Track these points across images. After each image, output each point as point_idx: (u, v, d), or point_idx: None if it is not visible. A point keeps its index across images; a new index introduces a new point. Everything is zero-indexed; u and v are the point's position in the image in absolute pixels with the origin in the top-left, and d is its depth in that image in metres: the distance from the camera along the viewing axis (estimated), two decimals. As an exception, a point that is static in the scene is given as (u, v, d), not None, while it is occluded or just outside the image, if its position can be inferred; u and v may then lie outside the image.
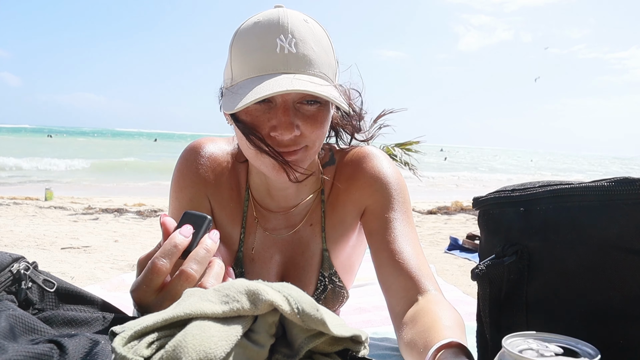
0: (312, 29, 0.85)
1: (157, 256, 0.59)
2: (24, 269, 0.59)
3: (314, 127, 0.85)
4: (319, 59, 0.84)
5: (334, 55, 0.89)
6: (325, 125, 0.88)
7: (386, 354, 0.88)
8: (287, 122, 0.82)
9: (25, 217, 5.03)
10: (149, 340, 0.40)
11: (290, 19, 0.84)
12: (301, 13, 0.88)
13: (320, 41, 0.86)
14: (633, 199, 0.56)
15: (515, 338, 0.48)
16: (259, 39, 0.82)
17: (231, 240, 1.06)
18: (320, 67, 0.84)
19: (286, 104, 0.83)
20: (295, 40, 0.82)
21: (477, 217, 0.74)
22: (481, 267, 0.65)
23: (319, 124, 0.86)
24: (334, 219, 1.04)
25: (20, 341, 0.47)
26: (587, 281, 0.59)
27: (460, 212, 6.28)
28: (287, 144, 0.84)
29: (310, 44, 0.83)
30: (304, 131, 0.85)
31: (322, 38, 0.87)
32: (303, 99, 0.84)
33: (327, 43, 0.88)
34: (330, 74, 0.86)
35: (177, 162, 1.05)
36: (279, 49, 0.81)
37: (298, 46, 0.82)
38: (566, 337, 0.47)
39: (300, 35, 0.83)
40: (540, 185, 0.66)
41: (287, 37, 0.82)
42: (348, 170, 1.03)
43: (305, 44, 0.83)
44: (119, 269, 3.10)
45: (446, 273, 3.18)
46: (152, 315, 0.47)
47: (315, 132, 0.86)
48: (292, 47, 0.81)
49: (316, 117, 0.86)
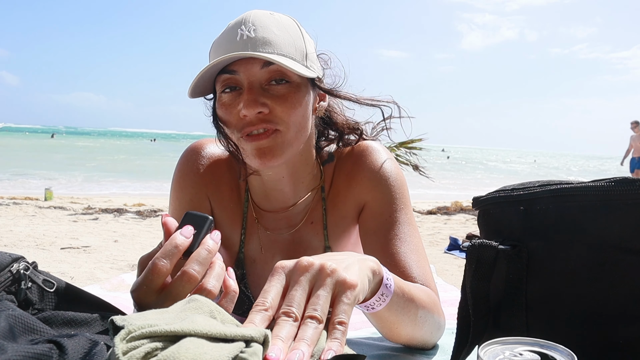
0: (277, 19, 0.88)
1: (158, 257, 0.59)
2: (23, 269, 0.59)
3: (285, 105, 0.86)
4: (281, 41, 0.85)
5: (303, 41, 0.90)
6: (300, 107, 0.88)
7: (385, 354, 0.88)
8: (250, 98, 0.83)
9: (25, 217, 5.03)
10: (147, 349, 0.41)
11: (254, 13, 0.88)
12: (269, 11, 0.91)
13: (286, 27, 0.88)
14: (633, 199, 0.56)
15: (492, 346, 0.48)
16: (225, 35, 0.87)
17: (232, 241, 1.06)
18: (281, 47, 0.85)
19: (251, 84, 0.85)
20: (255, 27, 0.85)
21: (477, 217, 0.74)
22: (475, 242, 0.66)
23: (290, 104, 0.86)
24: (336, 215, 1.03)
25: (20, 341, 0.47)
26: (587, 281, 0.59)
27: (460, 212, 6.28)
28: (255, 122, 0.85)
29: (272, 29, 0.86)
30: (274, 110, 0.85)
31: (289, 25, 0.89)
32: (271, 79, 0.86)
33: (294, 30, 0.89)
34: (297, 55, 0.87)
35: (178, 163, 1.05)
36: (239, 37, 0.84)
37: (257, 31, 0.84)
38: (542, 342, 0.47)
39: (261, 23, 0.86)
40: (540, 185, 0.66)
41: (247, 25, 0.85)
42: (348, 165, 1.02)
43: (265, 29, 0.85)
44: (118, 269, 3.09)
45: (446, 273, 3.18)
46: (155, 314, 0.47)
47: (287, 112, 0.86)
48: (251, 33, 0.84)
49: (286, 96, 0.86)
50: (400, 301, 0.72)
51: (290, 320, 0.50)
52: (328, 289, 0.53)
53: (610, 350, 0.57)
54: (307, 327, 0.49)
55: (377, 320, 0.75)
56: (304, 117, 0.90)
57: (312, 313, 0.50)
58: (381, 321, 0.76)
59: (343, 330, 0.50)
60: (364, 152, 1.02)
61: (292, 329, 0.49)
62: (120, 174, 12.92)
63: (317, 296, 0.52)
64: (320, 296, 0.52)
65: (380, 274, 0.66)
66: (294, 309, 0.51)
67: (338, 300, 0.53)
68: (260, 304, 0.51)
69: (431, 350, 0.91)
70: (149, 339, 0.42)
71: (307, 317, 0.50)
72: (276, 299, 0.53)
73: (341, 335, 0.50)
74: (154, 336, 0.42)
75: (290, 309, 0.51)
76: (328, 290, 0.53)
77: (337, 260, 0.57)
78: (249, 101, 0.83)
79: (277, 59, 0.81)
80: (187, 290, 0.58)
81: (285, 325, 0.49)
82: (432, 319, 0.83)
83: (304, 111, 0.89)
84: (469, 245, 0.67)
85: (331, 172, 1.04)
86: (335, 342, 0.49)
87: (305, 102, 0.89)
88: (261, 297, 0.52)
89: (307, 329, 0.49)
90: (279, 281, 0.54)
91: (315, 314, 0.50)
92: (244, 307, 1.06)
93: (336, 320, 0.51)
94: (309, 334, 0.49)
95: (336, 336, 0.50)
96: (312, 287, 0.54)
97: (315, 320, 0.50)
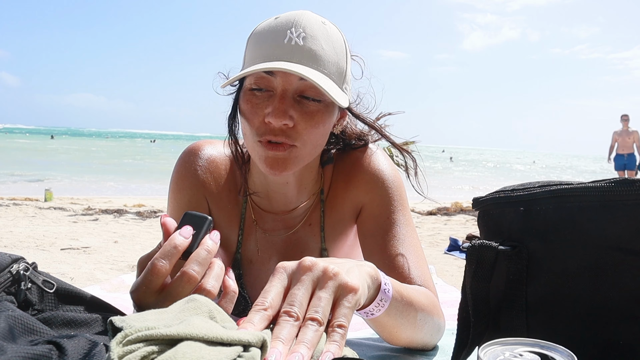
0: (328, 30, 0.86)
1: (157, 257, 0.59)
2: (23, 269, 0.59)
3: (309, 123, 0.84)
4: (326, 57, 0.84)
5: (345, 61, 0.88)
6: (323, 127, 0.87)
7: (385, 355, 0.88)
8: (280, 108, 0.82)
9: (24, 218, 5.03)
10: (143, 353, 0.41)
11: (306, 16, 0.85)
12: (322, 17, 0.89)
13: (333, 43, 0.86)
14: (633, 200, 0.56)
15: (492, 347, 0.48)
16: (272, 31, 0.84)
17: (229, 242, 1.06)
18: (325, 65, 0.83)
19: (285, 93, 0.83)
20: (305, 35, 0.82)
21: (477, 218, 0.74)
22: (475, 242, 0.66)
23: (314, 122, 0.85)
24: (333, 217, 1.03)
25: (20, 342, 0.47)
26: (587, 281, 0.59)
27: (460, 213, 6.28)
28: (277, 132, 0.84)
29: (320, 42, 0.83)
30: (297, 125, 0.84)
31: (337, 41, 0.87)
32: (304, 93, 0.84)
33: (341, 48, 0.87)
34: (336, 76, 0.86)
35: (176, 164, 1.05)
36: (287, 39, 0.82)
37: (306, 40, 0.82)
38: (542, 342, 0.47)
39: (312, 32, 0.83)
40: (540, 186, 0.66)
41: (298, 30, 0.83)
42: (346, 168, 1.02)
43: (314, 39, 0.83)
44: (118, 270, 3.09)
45: (446, 274, 3.18)
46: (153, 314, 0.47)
47: (308, 130, 0.85)
48: (300, 40, 0.82)
49: (314, 114, 0.85)
50: (399, 305, 0.72)
51: (292, 320, 0.50)
52: (330, 291, 0.53)
53: (610, 351, 0.57)
54: (308, 329, 0.49)
55: (377, 325, 0.75)
56: (323, 135, 0.89)
57: (313, 315, 0.50)
58: (381, 326, 0.75)
59: (342, 334, 0.50)
60: (362, 156, 1.02)
61: (293, 329, 0.49)
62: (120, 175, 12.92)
63: (319, 298, 0.52)
64: (322, 298, 0.52)
65: (378, 279, 0.65)
66: (295, 308, 0.51)
67: (339, 304, 0.53)
68: (260, 303, 0.51)
69: (431, 351, 0.90)
70: (145, 343, 0.41)
71: (308, 318, 0.50)
72: (276, 299, 0.52)
73: (340, 339, 0.50)
74: (151, 340, 0.42)
75: (292, 308, 0.51)
76: (330, 292, 0.53)
77: (339, 264, 0.57)
78: (279, 111, 0.82)
79: (319, 80, 0.80)
80: (186, 291, 0.58)
81: (286, 325, 0.49)
82: (432, 321, 0.83)
83: (325, 130, 0.89)
84: (469, 246, 0.67)
85: (330, 174, 1.04)
86: (333, 345, 0.49)
87: (329, 122, 0.89)
88: (261, 297, 0.52)
89: (307, 331, 0.49)
90: (279, 281, 0.54)
91: (316, 316, 0.50)
92: (240, 307, 1.06)
93: (336, 323, 0.51)
94: (309, 336, 0.48)
95: (335, 339, 0.50)
96: (314, 287, 0.53)
97: (316, 323, 0.50)
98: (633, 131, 9.24)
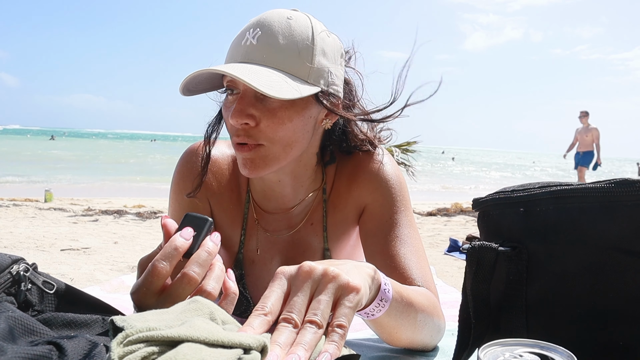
0: (291, 24, 0.84)
1: (158, 259, 0.59)
2: (23, 270, 0.59)
3: (272, 121, 0.83)
4: (283, 52, 0.82)
5: (313, 54, 0.84)
6: (290, 123, 0.84)
7: (385, 356, 0.88)
8: (237, 108, 0.82)
9: (24, 219, 5.02)
10: (143, 354, 0.41)
11: (270, 14, 0.85)
12: (294, 11, 0.87)
13: (295, 36, 0.83)
14: (633, 200, 0.56)
15: (491, 348, 0.48)
16: (238, 35, 0.86)
17: (231, 242, 1.06)
18: (279, 62, 0.81)
19: (245, 93, 0.83)
20: (260, 34, 0.82)
21: (477, 219, 0.74)
22: (475, 243, 0.66)
23: (278, 119, 0.83)
24: (336, 217, 1.03)
25: (20, 343, 0.47)
26: (587, 283, 0.59)
27: (460, 214, 6.28)
28: (240, 133, 0.84)
29: (277, 38, 0.82)
30: (260, 124, 0.83)
31: (302, 33, 0.84)
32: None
33: (305, 39, 0.83)
34: (298, 70, 0.82)
35: (177, 164, 1.05)
36: (244, 41, 0.83)
37: (260, 38, 0.82)
38: (542, 343, 0.48)
39: (270, 28, 0.82)
40: (540, 186, 0.66)
41: (255, 30, 0.83)
42: (349, 167, 1.02)
43: (270, 37, 0.82)
44: (118, 271, 3.09)
45: (446, 275, 3.18)
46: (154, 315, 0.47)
47: (273, 128, 0.83)
48: (254, 40, 0.82)
49: (275, 111, 0.83)
50: (399, 306, 0.71)
51: (290, 327, 0.49)
52: (330, 293, 0.52)
53: (611, 352, 0.57)
54: (306, 331, 0.49)
55: (377, 326, 0.75)
56: (295, 132, 0.86)
57: (312, 317, 0.50)
58: (381, 327, 0.75)
59: (342, 334, 0.50)
60: (365, 155, 1.01)
61: (291, 335, 0.49)
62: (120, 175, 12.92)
63: (318, 301, 0.52)
64: (322, 301, 0.52)
65: (378, 280, 0.65)
66: (294, 314, 0.50)
67: (340, 304, 0.53)
68: (260, 308, 0.51)
69: (431, 352, 0.90)
70: (146, 343, 0.42)
71: (307, 321, 0.50)
72: (276, 304, 0.52)
73: (339, 339, 0.49)
74: (152, 340, 0.42)
75: (291, 315, 0.50)
76: (330, 294, 0.52)
77: (338, 265, 0.57)
78: (236, 111, 0.82)
79: (256, 81, 0.76)
80: (187, 292, 0.58)
81: (284, 331, 0.49)
82: (432, 322, 0.83)
83: (295, 127, 0.85)
84: (469, 247, 0.67)
85: (332, 174, 1.04)
86: (332, 345, 0.49)
87: (300, 118, 0.85)
88: (261, 302, 0.52)
89: (305, 334, 0.49)
90: (279, 286, 0.54)
91: (315, 318, 0.50)
92: (242, 308, 1.06)
93: (335, 323, 0.51)
94: (307, 338, 0.48)
95: (334, 339, 0.49)
96: (313, 292, 0.53)
97: (315, 325, 0.49)
98: (592, 128, 8.79)
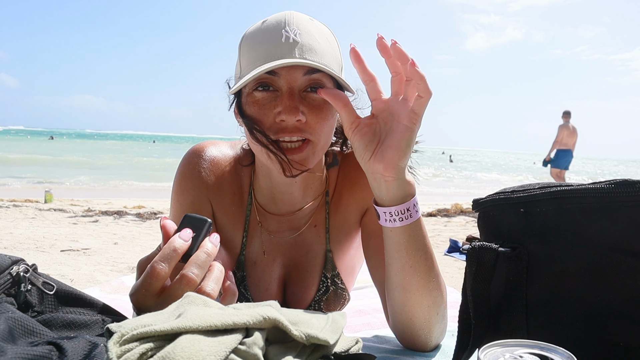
0: (317, 26, 0.88)
1: (157, 260, 0.59)
2: (23, 271, 0.59)
3: (319, 116, 0.86)
4: (324, 51, 0.85)
5: (340, 53, 0.91)
6: (332, 119, 0.88)
7: (386, 357, 0.88)
8: (291, 105, 0.83)
9: (24, 220, 5.02)
10: (141, 350, 0.40)
11: (295, 15, 0.87)
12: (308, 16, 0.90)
13: (326, 37, 0.88)
14: (633, 201, 0.56)
15: (492, 349, 0.48)
16: (266, 33, 0.85)
17: (233, 243, 1.06)
18: (324, 57, 0.85)
19: (292, 90, 0.84)
20: (300, 32, 0.84)
21: (477, 219, 0.75)
22: (475, 244, 0.66)
23: (323, 114, 0.86)
24: (338, 219, 1.03)
25: (20, 343, 0.47)
26: (587, 283, 0.59)
27: (460, 215, 6.27)
28: (291, 130, 0.84)
29: (315, 36, 0.85)
30: (308, 119, 0.85)
31: (328, 35, 0.89)
32: (309, 86, 0.86)
33: (332, 40, 0.90)
34: (336, 67, 0.87)
35: (179, 165, 1.05)
36: (284, 38, 0.83)
37: (303, 36, 0.84)
38: (542, 344, 0.48)
39: (305, 29, 0.85)
40: (540, 187, 0.66)
41: (293, 28, 0.84)
42: (351, 170, 1.03)
43: (310, 35, 0.85)
44: (118, 272, 3.09)
45: (446, 275, 3.18)
46: (150, 316, 0.47)
47: (319, 123, 0.86)
48: (297, 37, 0.83)
49: (321, 107, 0.86)
50: (419, 238, 0.77)
51: None
52: None
53: (611, 353, 0.57)
54: None
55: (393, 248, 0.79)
56: (332, 127, 0.90)
57: None
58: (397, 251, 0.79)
59: None
60: None
61: None
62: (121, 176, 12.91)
63: None
64: None
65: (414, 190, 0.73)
66: None
67: None
68: None
69: (431, 353, 0.90)
70: (142, 340, 0.41)
71: None
72: None
73: None
74: (148, 337, 0.42)
75: None
76: None
77: None
78: (291, 107, 0.83)
79: (325, 69, 0.82)
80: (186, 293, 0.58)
81: None
82: (441, 295, 0.84)
83: (333, 122, 0.90)
84: (469, 248, 0.67)
85: (335, 176, 1.05)
86: None
87: (333, 115, 0.90)
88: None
89: None
90: None
91: None
92: None
93: None
94: None
95: None
96: None
97: None
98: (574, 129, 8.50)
